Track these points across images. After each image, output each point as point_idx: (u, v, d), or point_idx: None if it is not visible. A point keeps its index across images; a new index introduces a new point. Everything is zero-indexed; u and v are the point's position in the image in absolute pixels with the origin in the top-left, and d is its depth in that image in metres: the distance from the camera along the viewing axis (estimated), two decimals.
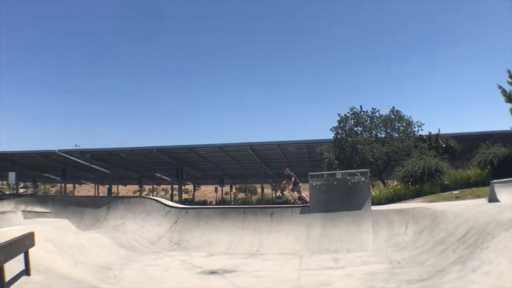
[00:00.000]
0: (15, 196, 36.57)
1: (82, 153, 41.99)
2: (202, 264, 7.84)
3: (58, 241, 7.54)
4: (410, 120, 24.31)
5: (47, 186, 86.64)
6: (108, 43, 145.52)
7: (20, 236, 4.35)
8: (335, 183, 10.33)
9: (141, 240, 11.55)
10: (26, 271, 4.37)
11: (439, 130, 23.14)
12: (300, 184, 13.33)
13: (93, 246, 8.93)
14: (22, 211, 11.77)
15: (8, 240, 3.87)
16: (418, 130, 24.13)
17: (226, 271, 6.98)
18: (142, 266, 7.90)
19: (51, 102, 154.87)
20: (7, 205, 17.14)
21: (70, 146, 44.50)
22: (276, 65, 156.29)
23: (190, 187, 67.74)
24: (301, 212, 10.40)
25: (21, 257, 4.47)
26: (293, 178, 12.70)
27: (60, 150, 42.14)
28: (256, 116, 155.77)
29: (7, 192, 57.88)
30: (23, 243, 4.32)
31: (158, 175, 55.16)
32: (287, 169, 14.01)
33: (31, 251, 4.83)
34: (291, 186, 12.86)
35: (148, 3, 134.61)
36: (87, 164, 46.70)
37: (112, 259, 8.40)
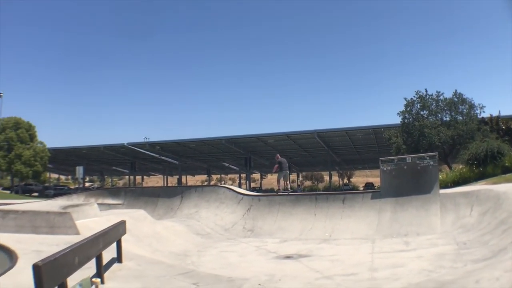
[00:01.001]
0: (83, 190, 58.44)
1: (151, 145, 69.45)
2: (276, 250, 13.88)
3: (136, 231, 13.08)
4: (472, 102, 42.58)
5: (115, 179, 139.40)
6: (175, 36, 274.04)
7: (115, 224, 7.68)
8: (405, 167, 17.81)
9: (215, 227, 20.35)
10: (118, 259, 7.81)
11: (499, 112, 38.75)
12: (287, 171, 23.89)
13: (169, 235, 15.98)
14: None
15: (106, 228, 6.90)
16: (480, 113, 41.97)
17: (301, 256, 12.46)
18: (219, 252, 14.10)
19: (116, 96, 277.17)
20: (76, 199, 26.58)
21: (136, 139, 74.49)
22: (339, 52, 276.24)
23: (256, 175, 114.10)
24: (372, 198, 17.71)
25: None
26: (276, 165, 23.07)
27: (129, 143, 69.83)
28: (322, 103, 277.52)
29: (72, 187, 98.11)
30: (117, 231, 7.63)
31: (226, 164, 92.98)
32: (278, 155, 24.98)
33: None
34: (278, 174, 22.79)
35: None
36: (157, 156, 77.01)
37: (189, 246, 15.11)
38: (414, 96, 45.02)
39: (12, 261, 7.63)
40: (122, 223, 8.30)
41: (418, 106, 44.60)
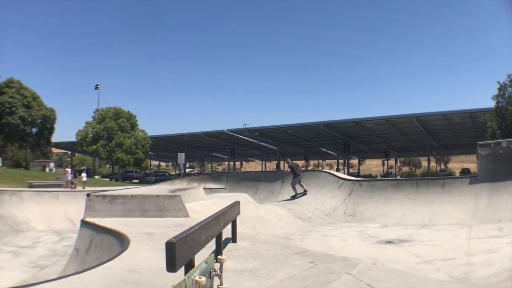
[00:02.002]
0: (184, 175, 59.14)
1: (250, 131, 72.26)
2: (377, 235, 14.44)
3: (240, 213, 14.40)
4: None
5: (214, 165, 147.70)
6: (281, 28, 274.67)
7: (231, 204, 7.86)
8: (500, 152, 17.79)
9: (316, 211, 21.14)
10: (233, 239, 8.08)
11: None
12: (300, 176, 24.05)
13: (272, 218, 16.81)
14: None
15: (225, 208, 7.09)
16: None
17: (402, 241, 13.04)
18: (320, 236, 14.77)
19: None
20: (179, 184, 28.44)
21: (235, 125, 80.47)
22: (435, 28, 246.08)
23: (354, 161, 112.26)
24: (470, 183, 18.06)
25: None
26: (290, 169, 24.11)
27: (229, 130, 73.46)
28: (417, 86, 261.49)
29: (172, 173, 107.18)
30: (234, 211, 7.83)
31: (324, 150, 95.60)
32: (289, 159, 25.57)
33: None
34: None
35: None
36: (255, 141, 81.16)
37: (291, 230, 15.90)
38: (506, 80, 45.40)
39: (123, 244, 7.90)
40: (237, 204, 8.50)
41: (510, 90, 45.01)
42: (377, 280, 5.35)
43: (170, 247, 3.57)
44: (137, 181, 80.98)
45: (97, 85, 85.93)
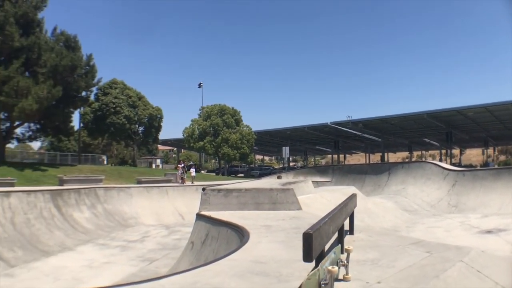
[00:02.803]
0: (288, 169, 61.17)
1: (354, 123, 70.72)
2: (479, 225, 14.86)
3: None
4: None
5: (317, 158, 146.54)
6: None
7: (350, 197, 7.89)
8: None
9: (421, 203, 21.73)
10: (350, 230, 8.08)
11: None
12: None
13: (379, 211, 16.89)
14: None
15: (345, 200, 7.18)
16: None
17: (500, 230, 13.37)
18: (426, 228, 15.15)
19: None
20: (285, 177, 28.57)
21: (338, 118, 77.33)
22: None
23: (455, 151, 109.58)
24: None
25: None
26: None
27: (332, 122, 72.48)
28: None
29: (276, 167, 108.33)
30: (352, 204, 7.87)
31: (427, 140, 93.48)
32: None
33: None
34: None
35: None
36: (359, 133, 79.48)
37: (398, 222, 16.27)
38: None
39: (243, 236, 7.96)
40: (354, 196, 8.28)
41: None
42: (485, 266, 5.55)
43: (308, 238, 3.63)
44: (242, 175, 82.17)
45: (200, 83, 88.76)
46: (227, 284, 4.74)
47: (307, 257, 3.64)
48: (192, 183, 35.38)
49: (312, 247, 3.63)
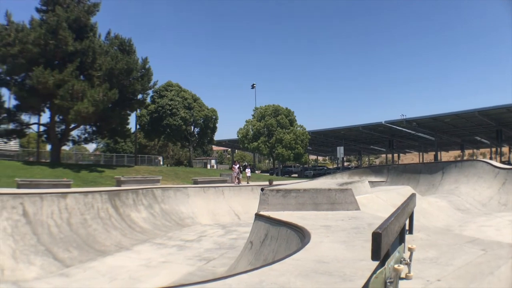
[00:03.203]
0: (343, 169, 60.88)
1: (408, 122, 69.44)
2: None
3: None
4: None
5: (371, 158, 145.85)
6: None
7: (410, 197, 7.83)
8: None
9: (473, 202, 21.77)
10: (409, 230, 8.14)
11: None
12: None
13: (433, 210, 17.06)
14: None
15: (406, 200, 7.14)
16: None
17: None
18: (477, 227, 15.20)
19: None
20: (340, 177, 28.92)
21: (392, 117, 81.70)
22: None
23: (504, 149, 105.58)
24: None
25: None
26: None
27: (386, 121, 71.62)
28: None
29: (330, 167, 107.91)
30: (412, 203, 7.83)
31: (478, 138, 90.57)
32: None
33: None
34: None
35: None
36: (413, 132, 78.07)
37: (450, 222, 16.34)
38: None
39: (303, 237, 8.01)
40: (413, 196, 8.13)
41: None
42: None
43: (377, 237, 3.69)
44: (296, 175, 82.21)
45: (253, 84, 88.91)
46: (292, 283, 4.76)
47: (375, 256, 3.68)
48: (248, 183, 35.37)
49: (380, 246, 3.67)
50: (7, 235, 15.32)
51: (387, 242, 3.94)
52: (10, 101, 46.93)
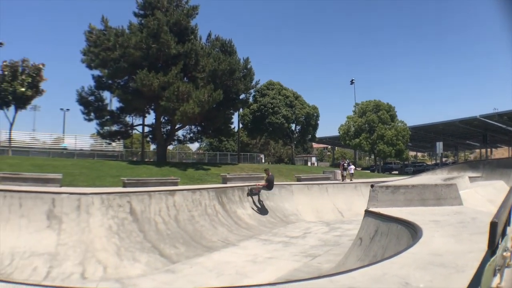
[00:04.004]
0: (442, 165, 60.56)
1: (500, 116, 67.77)
2: None
3: (498, 201, 14.36)
4: None
5: (466, 153, 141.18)
6: None
7: (510, 190, 7.66)
8: None
9: None
10: (508, 223, 7.46)
11: None
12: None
13: None
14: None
15: (509, 194, 6.92)
16: None
17: None
18: None
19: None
20: (440, 173, 28.67)
21: (485, 111, 77.66)
22: None
23: None
24: None
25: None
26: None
27: (481, 116, 69.49)
28: None
29: (428, 163, 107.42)
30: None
31: None
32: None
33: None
34: None
35: None
36: (504, 126, 74.55)
37: None
38: None
39: (415, 232, 8.13)
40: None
41: None
42: None
43: (494, 226, 3.74)
44: (396, 172, 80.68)
45: (352, 80, 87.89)
46: (412, 275, 4.88)
47: (491, 244, 3.77)
48: (351, 180, 34.92)
49: (496, 235, 3.76)
50: (112, 233, 15.81)
51: (499, 232, 3.97)
52: (112, 104, 48.93)
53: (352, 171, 39.13)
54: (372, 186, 13.18)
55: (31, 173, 21.69)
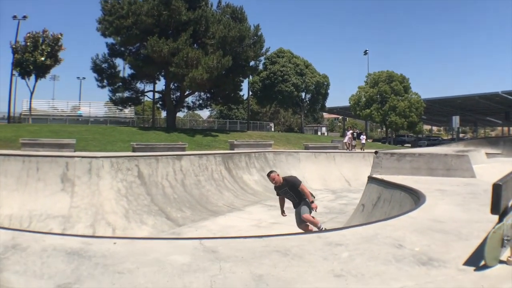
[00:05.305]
0: (458, 140, 58.20)
1: None
2: None
3: None
4: None
5: (487, 130, 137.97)
6: None
7: None
8: None
9: None
10: None
11: None
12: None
13: None
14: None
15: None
16: None
17: None
18: None
19: None
20: (455, 146, 28.93)
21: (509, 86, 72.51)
22: None
23: None
24: None
25: None
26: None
27: (503, 92, 67.40)
28: None
29: (445, 138, 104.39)
30: None
31: None
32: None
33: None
34: None
35: None
36: None
37: None
38: None
39: (418, 199, 8.01)
40: None
41: None
42: None
43: (497, 188, 3.64)
44: (409, 145, 79.49)
45: (366, 50, 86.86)
46: (408, 238, 4.86)
47: (495, 209, 3.69)
48: (362, 150, 35.15)
49: (500, 198, 3.63)
50: (120, 196, 16.09)
51: (506, 196, 3.88)
52: (124, 71, 49.06)
53: (364, 141, 39.17)
54: (376, 152, 13.21)
55: (48, 139, 21.92)
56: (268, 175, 10.69)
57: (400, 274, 3.62)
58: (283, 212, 10.98)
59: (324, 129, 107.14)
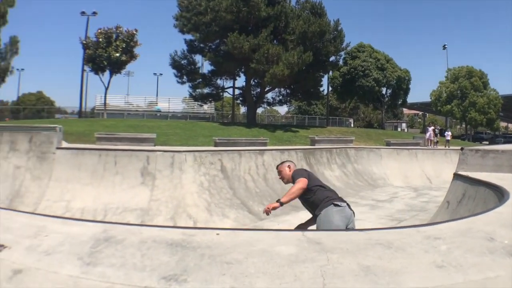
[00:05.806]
0: None
1: None
2: None
3: None
4: None
5: None
6: None
7: None
8: None
9: None
10: None
11: None
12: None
13: None
14: None
15: None
16: None
17: None
18: None
19: None
20: None
21: None
22: None
23: None
24: None
25: None
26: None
27: None
28: None
29: None
30: None
31: None
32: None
33: None
34: None
35: None
36: None
37: None
38: None
39: (502, 195, 7.90)
40: None
41: None
42: None
43: None
44: (487, 142, 77.46)
45: (445, 45, 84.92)
46: (498, 232, 4.80)
47: None
48: (448, 147, 34.68)
49: None
50: (203, 189, 16.21)
51: None
52: (203, 67, 49.95)
53: (449, 138, 38.57)
54: (461, 149, 13.05)
55: (126, 133, 22.42)
56: (282, 164, 7.12)
57: (493, 265, 3.65)
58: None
59: (404, 125, 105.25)
